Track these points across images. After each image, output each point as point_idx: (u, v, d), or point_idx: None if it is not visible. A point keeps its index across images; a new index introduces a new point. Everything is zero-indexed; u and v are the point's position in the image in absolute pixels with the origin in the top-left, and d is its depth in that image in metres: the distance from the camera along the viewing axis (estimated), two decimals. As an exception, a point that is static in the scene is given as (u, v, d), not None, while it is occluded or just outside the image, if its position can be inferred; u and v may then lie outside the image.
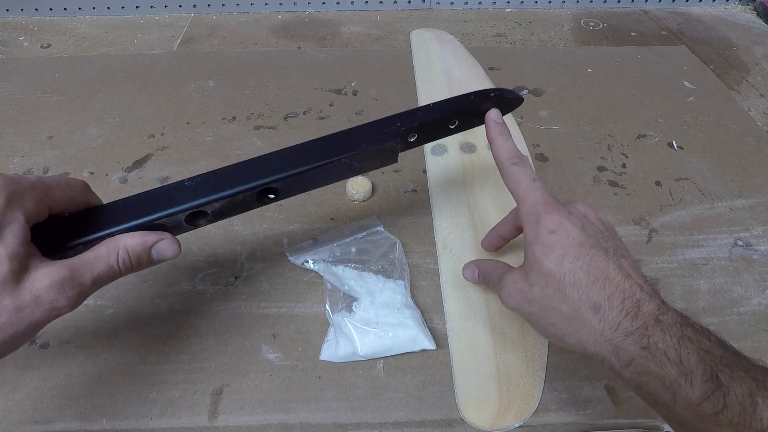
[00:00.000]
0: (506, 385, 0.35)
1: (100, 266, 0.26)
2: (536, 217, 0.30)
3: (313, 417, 0.34)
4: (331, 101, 0.61)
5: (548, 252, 0.28)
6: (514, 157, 0.34)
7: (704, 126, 0.58)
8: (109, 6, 0.80)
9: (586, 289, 0.27)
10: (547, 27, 0.79)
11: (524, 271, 0.30)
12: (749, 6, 0.84)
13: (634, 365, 0.25)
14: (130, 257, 0.27)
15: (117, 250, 0.27)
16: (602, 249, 0.28)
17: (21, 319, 0.23)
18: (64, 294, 0.24)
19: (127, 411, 0.34)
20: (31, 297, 0.24)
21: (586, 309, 0.27)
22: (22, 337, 0.24)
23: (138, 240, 0.28)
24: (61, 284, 0.24)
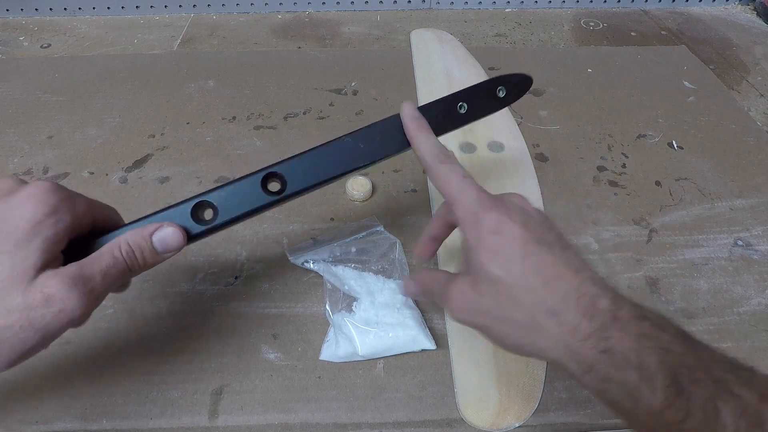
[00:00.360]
0: (506, 385, 0.35)
1: (106, 259, 0.26)
2: (475, 218, 0.28)
3: (313, 417, 0.34)
4: (331, 101, 0.61)
5: (494, 257, 0.26)
6: (440, 155, 0.31)
7: (704, 126, 0.58)
8: (109, 6, 0.80)
9: (540, 292, 0.25)
10: (547, 27, 0.79)
11: (470, 279, 0.28)
12: (749, 6, 0.84)
13: (595, 371, 0.24)
14: (132, 249, 0.27)
15: (119, 243, 0.27)
16: (546, 244, 0.27)
17: (31, 322, 0.23)
18: (74, 291, 0.24)
19: (127, 411, 0.34)
20: (42, 296, 0.23)
21: (543, 315, 0.25)
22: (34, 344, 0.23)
23: (136, 232, 0.27)
24: (71, 281, 0.24)
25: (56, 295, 0.23)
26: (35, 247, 0.23)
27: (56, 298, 0.23)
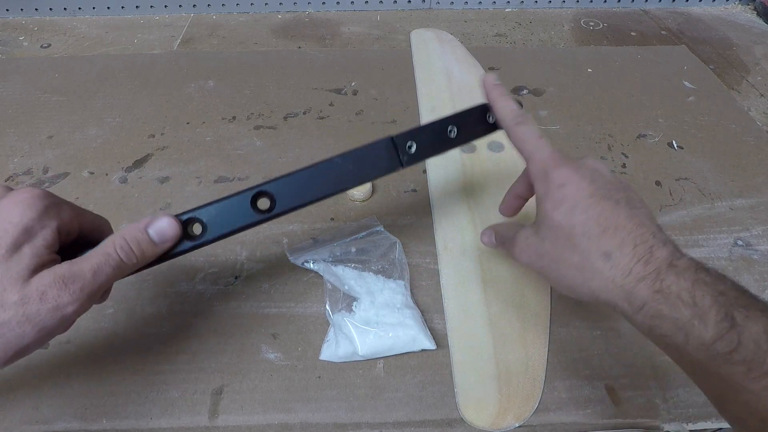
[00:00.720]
0: (506, 385, 0.35)
1: (98, 257, 0.26)
2: (545, 173, 0.30)
3: (313, 417, 0.34)
4: (331, 101, 0.61)
5: (558, 205, 0.29)
6: (518, 116, 0.33)
7: (704, 126, 0.58)
8: (109, 6, 0.80)
9: (596, 238, 0.27)
10: (547, 27, 0.79)
11: (536, 227, 0.31)
12: (749, 6, 0.84)
13: (647, 309, 0.25)
14: (128, 243, 0.27)
15: (113, 240, 0.27)
16: (613, 200, 0.28)
17: (27, 316, 0.23)
18: (66, 290, 0.24)
19: (127, 411, 0.34)
20: (37, 293, 0.24)
21: (597, 257, 0.27)
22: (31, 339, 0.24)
23: (132, 227, 0.28)
24: (62, 279, 0.24)
25: (49, 292, 0.24)
26: (27, 251, 0.24)
27: (50, 295, 0.24)
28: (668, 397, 0.35)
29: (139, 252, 0.28)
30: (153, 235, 0.28)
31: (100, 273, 0.26)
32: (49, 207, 0.25)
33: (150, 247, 0.28)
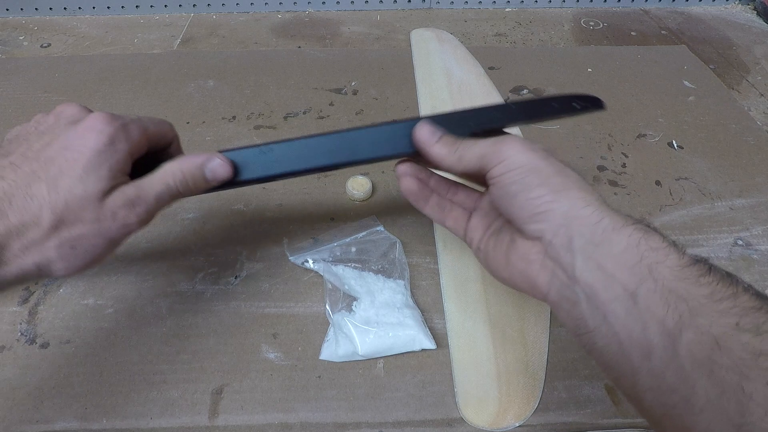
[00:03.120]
0: (506, 385, 0.35)
1: (160, 185, 0.29)
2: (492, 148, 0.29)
3: (313, 416, 0.34)
4: (331, 101, 0.61)
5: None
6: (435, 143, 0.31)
7: (704, 126, 0.58)
8: (109, 5, 0.80)
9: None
10: (547, 26, 0.79)
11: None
12: (749, 6, 0.84)
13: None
14: (185, 175, 0.30)
15: (173, 171, 0.30)
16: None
17: (100, 231, 0.27)
18: (133, 212, 0.28)
19: (127, 411, 0.34)
20: (110, 212, 0.27)
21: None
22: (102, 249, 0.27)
23: (190, 161, 0.30)
24: (131, 203, 0.28)
25: (120, 213, 0.27)
26: (102, 174, 0.26)
27: (120, 215, 0.27)
28: (668, 397, 0.35)
29: (194, 186, 0.30)
30: (207, 173, 0.31)
31: (160, 199, 0.29)
32: (119, 131, 0.27)
33: (202, 184, 0.31)
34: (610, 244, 0.25)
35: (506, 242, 0.30)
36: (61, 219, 0.25)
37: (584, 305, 0.25)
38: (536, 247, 0.27)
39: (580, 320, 0.25)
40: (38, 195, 0.25)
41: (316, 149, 0.33)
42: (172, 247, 0.44)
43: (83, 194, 0.26)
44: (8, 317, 0.39)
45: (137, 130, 0.29)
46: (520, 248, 0.28)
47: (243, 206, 0.48)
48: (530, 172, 0.28)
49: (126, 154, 0.28)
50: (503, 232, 0.31)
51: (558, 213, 0.26)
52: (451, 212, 0.35)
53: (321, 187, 0.50)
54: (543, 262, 0.27)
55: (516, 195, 0.28)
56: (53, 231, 0.25)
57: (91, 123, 0.27)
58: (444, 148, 0.31)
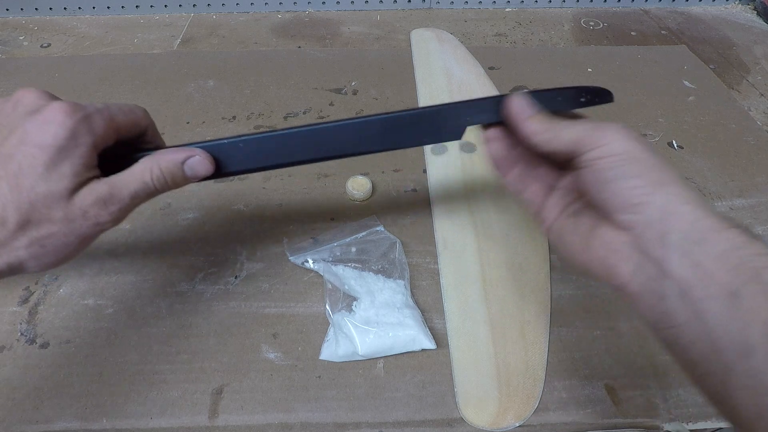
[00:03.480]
0: (506, 385, 0.35)
1: (136, 183, 0.28)
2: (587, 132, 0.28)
3: (313, 416, 0.34)
4: (331, 101, 0.61)
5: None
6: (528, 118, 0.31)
7: (704, 126, 0.58)
8: (109, 5, 0.80)
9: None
10: (547, 26, 0.79)
11: None
12: (749, 5, 0.84)
13: None
14: (163, 173, 0.29)
15: (151, 167, 0.28)
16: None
17: (71, 230, 0.26)
18: (106, 210, 0.27)
19: (127, 411, 0.34)
20: (80, 211, 0.26)
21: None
22: (75, 247, 0.26)
23: (170, 156, 0.29)
24: (103, 201, 0.26)
25: (91, 211, 0.26)
26: (65, 172, 0.25)
27: (91, 213, 0.26)
28: (668, 397, 0.35)
29: (172, 183, 0.29)
30: (187, 171, 0.30)
31: (136, 197, 0.28)
32: (81, 123, 0.26)
33: (182, 181, 0.30)
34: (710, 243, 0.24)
35: (587, 226, 0.29)
36: (28, 218, 0.25)
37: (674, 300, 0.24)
38: (624, 237, 0.26)
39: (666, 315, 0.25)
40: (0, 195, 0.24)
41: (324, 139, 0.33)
42: (172, 247, 0.44)
43: (47, 193, 0.25)
44: (8, 317, 0.39)
45: (102, 121, 0.27)
46: (604, 235, 0.27)
47: (243, 206, 0.48)
48: (630, 160, 0.27)
49: (89, 148, 0.26)
50: (583, 215, 0.29)
51: (655, 206, 0.25)
52: (530, 185, 0.33)
53: (321, 187, 0.50)
54: (629, 253, 0.26)
55: (611, 182, 0.27)
56: (20, 230, 0.25)
57: (50, 115, 0.25)
58: (539, 125, 0.31)
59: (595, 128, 0.28)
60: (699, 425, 0.34)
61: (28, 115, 0.26)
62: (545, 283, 0.41)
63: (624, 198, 0.26)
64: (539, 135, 0.30)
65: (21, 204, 0.24)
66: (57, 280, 0.42)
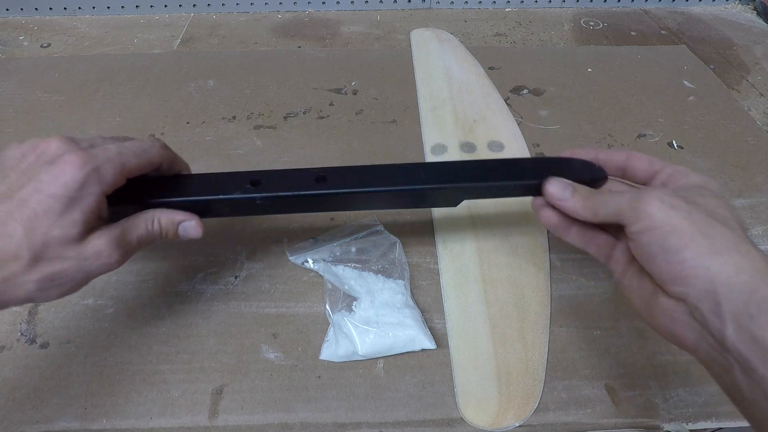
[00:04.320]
0: (506, 385, 0.35)
1: (141, 230, 0.31)
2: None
3: (313, 416, 0.34)
4: (331, 101, 0.61)
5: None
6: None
7: (704, 125, 0.58)
8: (109, 5, 0.80)
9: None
10: (547, 26, 0.79)
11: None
12: (749, 5, 0.84)
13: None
14: (161, 228, 0.32)
15: (152, 219, 0.32)
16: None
17: (81, 267, 0.28)
18: (117, 251, 0.29)
19: (127, 411, 0.34)
20: (93, 252, 0.28)
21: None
22: (80, 283, 0.29)
23: (169, 216, 0.33)
24: (115, 242, 0.29)
25: (104, 252, 0.29)
26: (76, 219, 0.27)
27: (103, 254, 0.29)
28: (668, 397, 0.35)
29: (166, 237, 0.33)
30: (180, 231, 0.33)
31: (141, 242, 0.31)
32: (91, 175, 0.28)
33: (174, 237, 0.33)
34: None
35: (649, 291, 0.28)
36: (41, 256, 0.27)
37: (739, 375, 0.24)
38: (681, 307, 0.26)
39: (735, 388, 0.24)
40: (15, 235, 0.26)
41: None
42: (172, 247, 0.44)
43: (62, 236, 0.27)
44: (8, 317, 0.39)
45: (111, 170, 0.29)
46: (663, 304, 0.27)
47: (243, 206, 0.48)
48: (670, 233, 0.26)
49: (98, 197, 0.28)
50: (646, 277, 0.29)
51: (702, 278, 0.25)
52: (594, 239, 0.34)
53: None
54: (689, 322, 0.26)
55: (655, 256, 0.26)
56: (32, 266, 0.27)
57: (63, 166, 0.27)
58: (578, 203, 0.32)
59: (633, 199, 0.28)
60: (699, 425, 0.34)
61: (46, 164, 0.28)
62: (545, 283, 0.41)
63: (669, 272, 0.26)
64: (581, 213, 0.31)
65: (35, 244, 0.26)
66: (57, 280, 0.42)
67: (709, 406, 0.35)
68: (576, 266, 0.43)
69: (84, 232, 0.28)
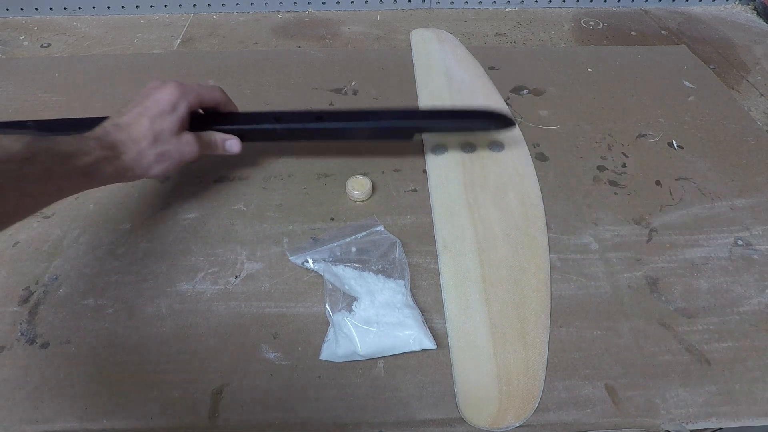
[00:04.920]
0: (506, 385, 0.35)
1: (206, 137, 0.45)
2: None
3: (313, 416, 0.34)
4: (331, 101, 0.61)
5: None
6: None
7: (704, 125, 0.58)
8: (109, 5, 0.80)
9: None
10: (547, 26, 0.79)
11: None
12: (749, 5, 0.84)
13: None
14: (216, 141, 0.46)
15: (212, 134, 0.46)
16: None
17: (178, 149, 0.42)
18: (197, 143, 0.43)
19: (127, 411, 0.34)
20: (185, 140, 0.42)
21: None
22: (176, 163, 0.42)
23: (221, 135, 0.46)
24: (196, 138, 0.43)
25: (191, 141, 0.43)
26: (175, 119, 0.41)
27: (191, 143, 0.43)
28: (668, 397, 0.35)
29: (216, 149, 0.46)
30: (227, 146, 0.46)
31: (205, 145, 0.45)
32: (182, 96, 0.42)
33: (222, 150, 0.46)
34: None
35: None
36: (157, 138, 0.40)
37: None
38: None
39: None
40: (144, 123, 0.39)
41: None
42: (172, 247, 0.44)
43: (169, 128, 0.41)
44: (8, 317, 0.39)
45: (193, 96, 0.43)
46: None
47: (243, 206, 0.48)
48: None
49: (186, 109, 0.42)
50: None
51: None
52: None
53: (321, 187, 0.50)
54: None
55: None
56: (153, 144, 0.40)
57: (167, 89, 0.42)
58: None
59: None
60: (699, 425, 0.34)
61: (156, 88, 0.42)
62: (545, 283, 0.41)
63: None
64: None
65: (155, 130, 0.40)
66: (57, 280, 0.42)
67: (709, 406, 0.35)
68: (576, 266, 0.43)
69: (179, 129, 0.42)
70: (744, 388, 0.35)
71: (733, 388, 0.35)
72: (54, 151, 0.33)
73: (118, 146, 0.38)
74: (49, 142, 0.33)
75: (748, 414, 0.34)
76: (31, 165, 0.31)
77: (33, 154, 0.31)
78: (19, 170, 0.30)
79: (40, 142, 0.32)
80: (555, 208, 0.48)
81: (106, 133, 0.38)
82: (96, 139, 0.37)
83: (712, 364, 0.37)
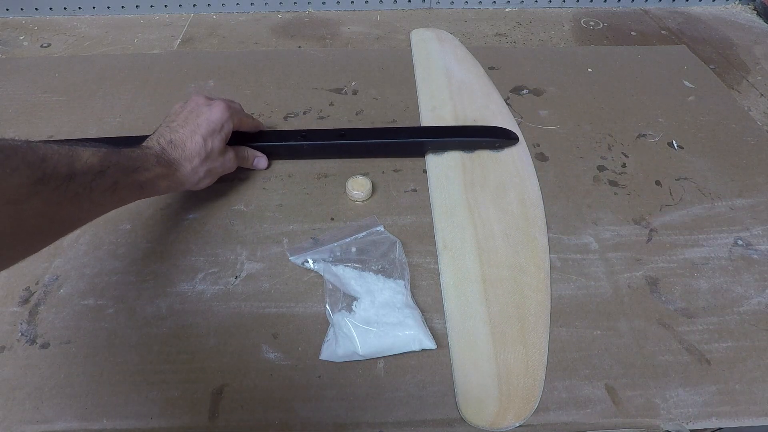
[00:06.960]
0: (506, 385, 0.35)
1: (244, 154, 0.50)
2: None
3: (313, 416, 0.34)
4: (331, 101, 0.61)
5: None
6: None
7: (704, 125, 0.58)
8: (109, 5, 0.80)
9: None
10: (547, 26, 0.79)
11: None
12: (749, 5, 0.84)
13: None
14: (248, 157, 0.50)
15: (245, 150, 0.50)
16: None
17: (222, 165, 0.46)
18: (236, 159, 0.48)
19: (127, 411, 0.34)
20: (228, 158, 0.47)
21: None
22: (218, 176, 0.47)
23: (252, 152, 0.51)
24: (235, 154, 0.48)
25: (232, 159, 0.48)
26: (222, 138, 0.45)
27: (233, 160, 0.48)
28: (668, 397, 0.35)
29: (247, 163, 0.51)
30: (255, 162, 0.51)
31: (240, 160, 0.49)
32: (230, 116, 0.46)
33: (251, 165, 0.51)
34: None
35: None
36: (208, 156, 0.44)
37: None
38: None
39: None
40: (198, 141, 0.43)
41: None
42: (172, 247, 0.44)
43: (217, 147, 0.44)
44: (8, 317, 0.39)
45: (237, 119, 0.48)
46: None
47: (243, 206, 0.48)
48: None
49: (230, 130, 0.46)
50: None
51: None
52: None
53: (321, 187, 0.50)
54: None
55: None
56: (204, 161, 0.43)
57: (218, 108, 0.45)
58: None
59: None
60: (699, 425, 0.34)
61: (206, 106, 0.45)
62: (545, 283, 0.41)
63: None
64: None
65: (207, 148, 0.43)
66: (57, 280, 0.42)
67: (709, 406, 0.35)
68: (576, 266, 0.43)
69: (224, 147, 0.46)
70: (744, 388, 0.35)
71: (733, 388, 0.35)
72: (122, 165, 0.35)
73: (173, 164, 0.41)
74: (119, 156, 0.36)
75: (748, 414, 0.34)
76: (103, 177, 0.33)
77: (106, 168, 0.34)
78: (93, 181, 0.32)
79: (112, 156, 0.35)
80: (555, 208, 0.48)
81: (163, 151, 0.41)
82: (156, 156, 0.40)
83: (712, 364, 0.37)
